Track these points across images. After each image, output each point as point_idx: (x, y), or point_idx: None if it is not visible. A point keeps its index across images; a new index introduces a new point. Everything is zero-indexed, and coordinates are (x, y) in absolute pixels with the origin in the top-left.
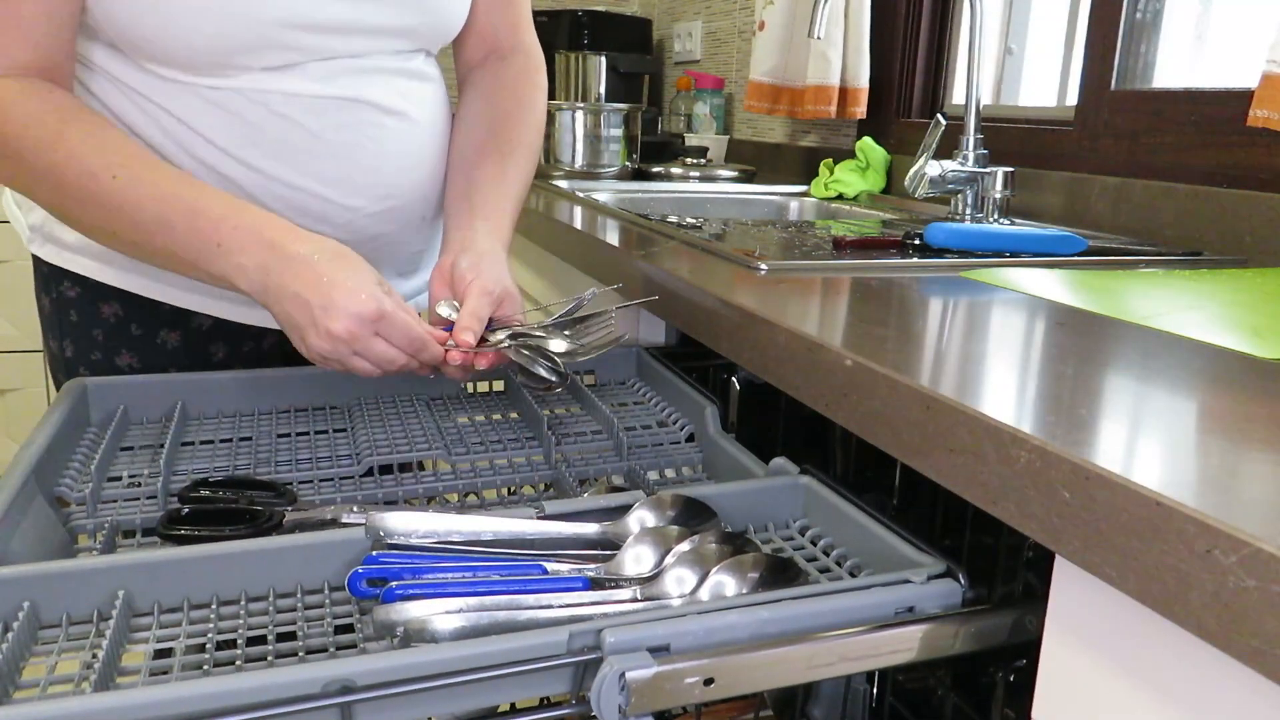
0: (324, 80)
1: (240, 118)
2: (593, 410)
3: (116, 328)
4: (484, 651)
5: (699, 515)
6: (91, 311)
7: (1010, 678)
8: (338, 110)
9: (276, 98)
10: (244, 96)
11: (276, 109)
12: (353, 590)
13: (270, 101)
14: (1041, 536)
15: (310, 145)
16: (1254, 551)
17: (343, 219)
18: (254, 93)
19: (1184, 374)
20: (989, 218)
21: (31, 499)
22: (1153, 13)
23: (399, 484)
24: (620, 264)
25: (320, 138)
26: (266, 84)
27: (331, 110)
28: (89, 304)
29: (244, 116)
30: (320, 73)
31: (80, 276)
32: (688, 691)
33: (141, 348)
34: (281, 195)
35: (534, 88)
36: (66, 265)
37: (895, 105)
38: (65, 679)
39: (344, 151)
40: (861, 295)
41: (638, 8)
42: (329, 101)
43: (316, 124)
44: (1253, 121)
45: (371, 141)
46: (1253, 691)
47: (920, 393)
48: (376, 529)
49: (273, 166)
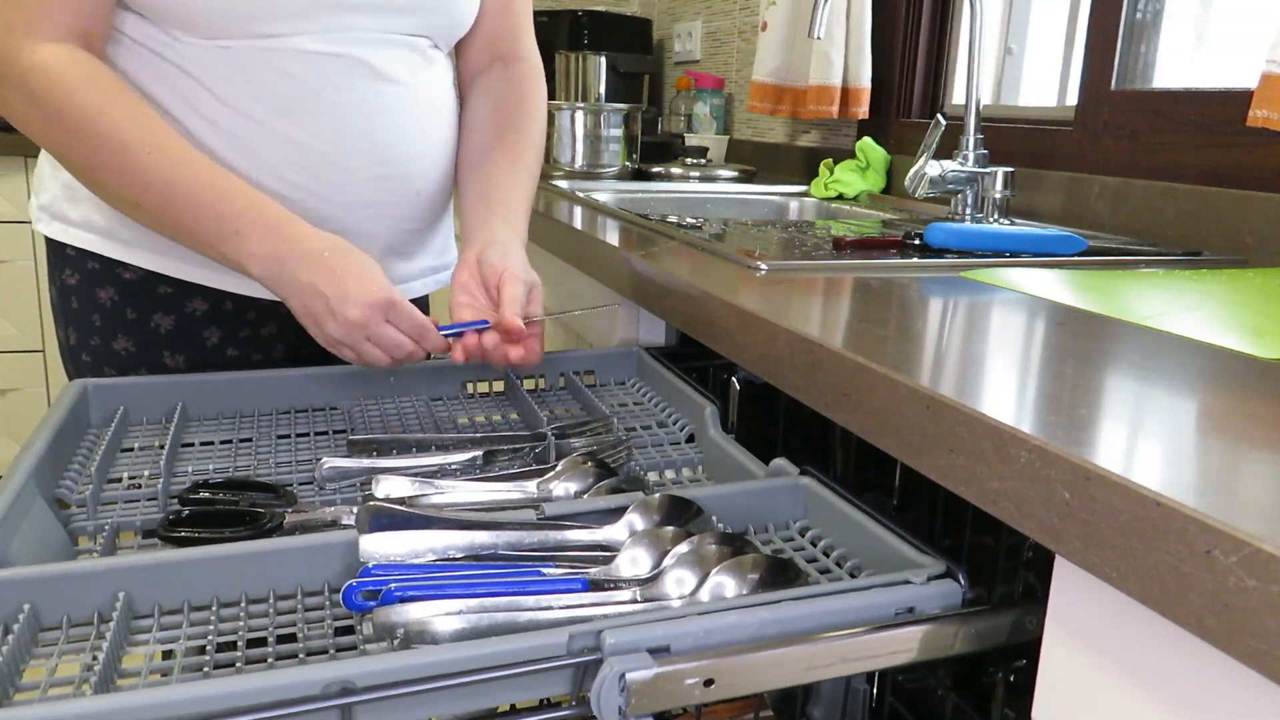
0: (329, 41)
1: (244, 72)
2: (593, 410)
3: (112, 312)
4: (484, 653)
5: (688, 513)
6: (90, 297)
7: (1010, 678)
8: (338, 70)
9: (280, 55)
10: (250, 53)
11: (279, 65)
12: (348, 604)
13: (273, 58)
14: (1041, 536)
15: (310, 103)
16: (1254, 551)
17: (338, 179)
18: (260, 51)
19: (1184, 374)
20: (989, 218)
21: (32, 501)
22: (1153, 13)
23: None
24: (620, 264)
25: (319, 95)
26: (272, 42)
27: (331, 69)
28: (87, 289)
29: (248, 71)
30: (328, 36)
31: (79, 262)
32: (688, 692)
33: (136, 332)
34: (280, 150)
35: (537, 93)
36: (71, 241)
37: (895, 105)
38: (66, 681)
39: (340, 111)
40: (862, 295)
41: (638, 8)
42: (329, 59)
43: (316, 80)
44: (1252, 121)
45: (368, 105)
46: (1253, 691)
47: (920, 393)
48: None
49: (274, 120)
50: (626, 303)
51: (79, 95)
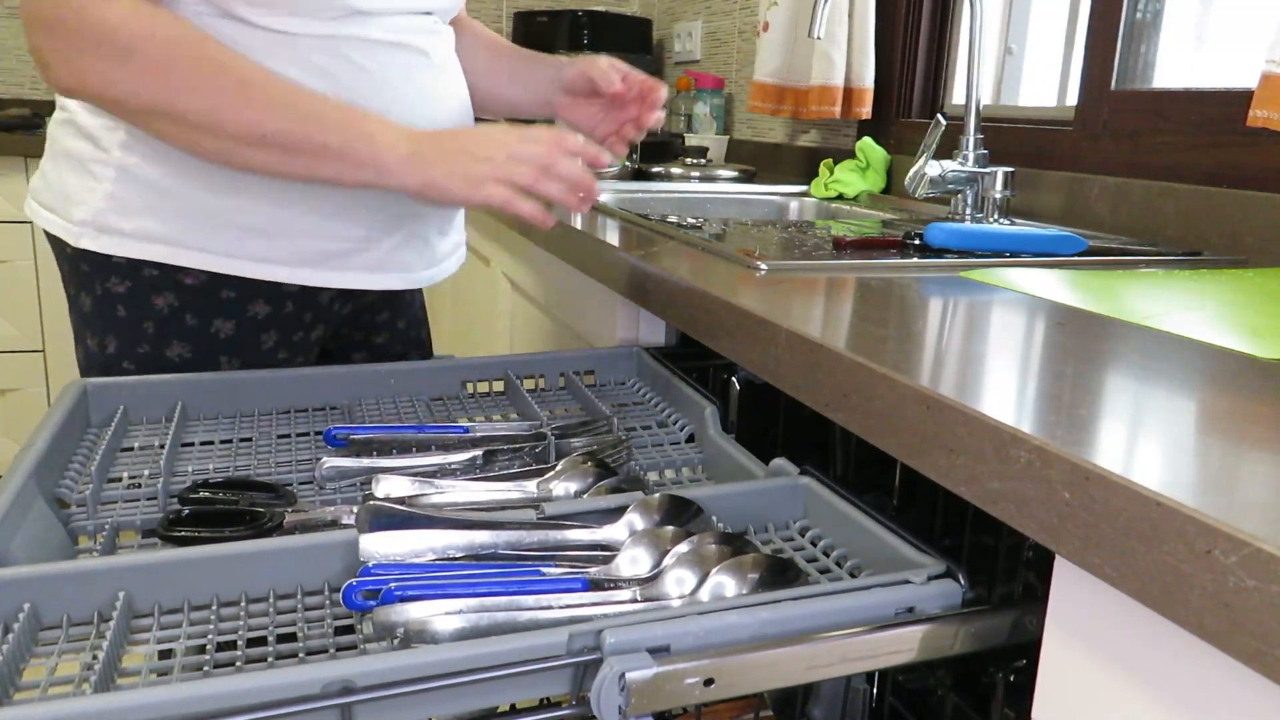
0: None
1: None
2: (592, 410)
3: (169, 318)
4: (484, 652)
5: (688, 512)
6: (142, 304)
7: (1010, 678)
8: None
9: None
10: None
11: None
12: (348, 604)
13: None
14: (1041, 536)
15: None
16: (1254, 551)
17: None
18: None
19: (1184, 374)
20: (989, 218)
21: (32, 500)
22: (1153, 13)
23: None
24: (620, 264)
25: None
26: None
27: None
28: (139, 296)
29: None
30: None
31: (131, 271)
32: (688, 692)
33: (195, 337)
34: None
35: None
36: (127, 253)
37: (895, 105)
38: (65, 680)
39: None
40: (861, 295)
41: (638, 8)
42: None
43: (379, 69)
44: (1253, 121)
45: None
46: (1253, 691)
47: (920, 393)
48: (367, 554)
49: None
50: (627, 303)
51: (185, 44)
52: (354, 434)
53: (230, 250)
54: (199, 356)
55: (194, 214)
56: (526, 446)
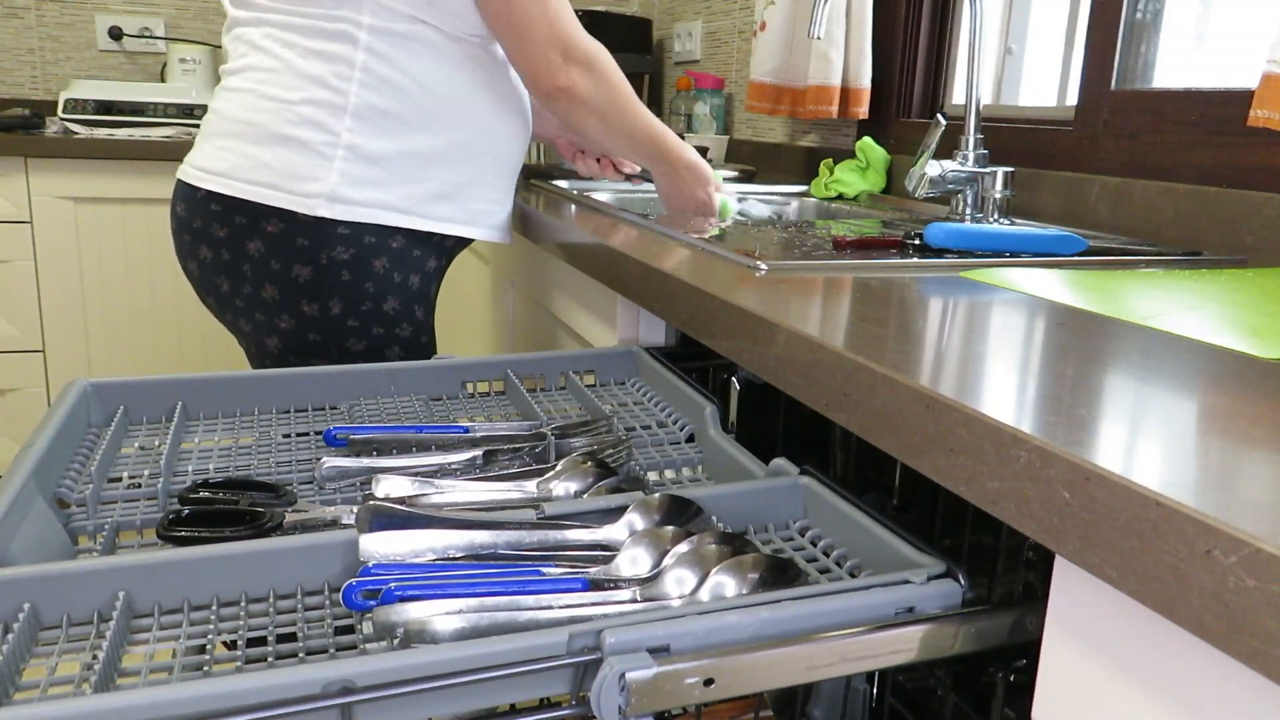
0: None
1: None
2: (592, 410)
3: (384, 277)
4: (484, 652)
5: (688, 512)
6: (364, 267)
7: (1010, 678)
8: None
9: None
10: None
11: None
12: (348, 603)
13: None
14: (1041, 536)
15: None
16: (1254, 551)
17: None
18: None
19: (1184, 374)
20: (989, 218)
21: (32, 500)
22: (1153, 13)
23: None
24: (620, 264)
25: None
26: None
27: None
28: (361, 261)
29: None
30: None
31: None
32: (688, 692)
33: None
34: (525, 126)
35: None
36: (360, 218)
37: (895, 105)
38: (65, 680)
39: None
40: (861, 295)
41: (638, 8)
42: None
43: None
44: (1253, 121)
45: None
46: (1253, 691)
47: (920, 393)
48: (366, 554)
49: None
50: (627, 303)
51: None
52: (354, 434)
53: (429, 213)
54: (404, 308)
55: (406, 183)
56: (526, 446)
